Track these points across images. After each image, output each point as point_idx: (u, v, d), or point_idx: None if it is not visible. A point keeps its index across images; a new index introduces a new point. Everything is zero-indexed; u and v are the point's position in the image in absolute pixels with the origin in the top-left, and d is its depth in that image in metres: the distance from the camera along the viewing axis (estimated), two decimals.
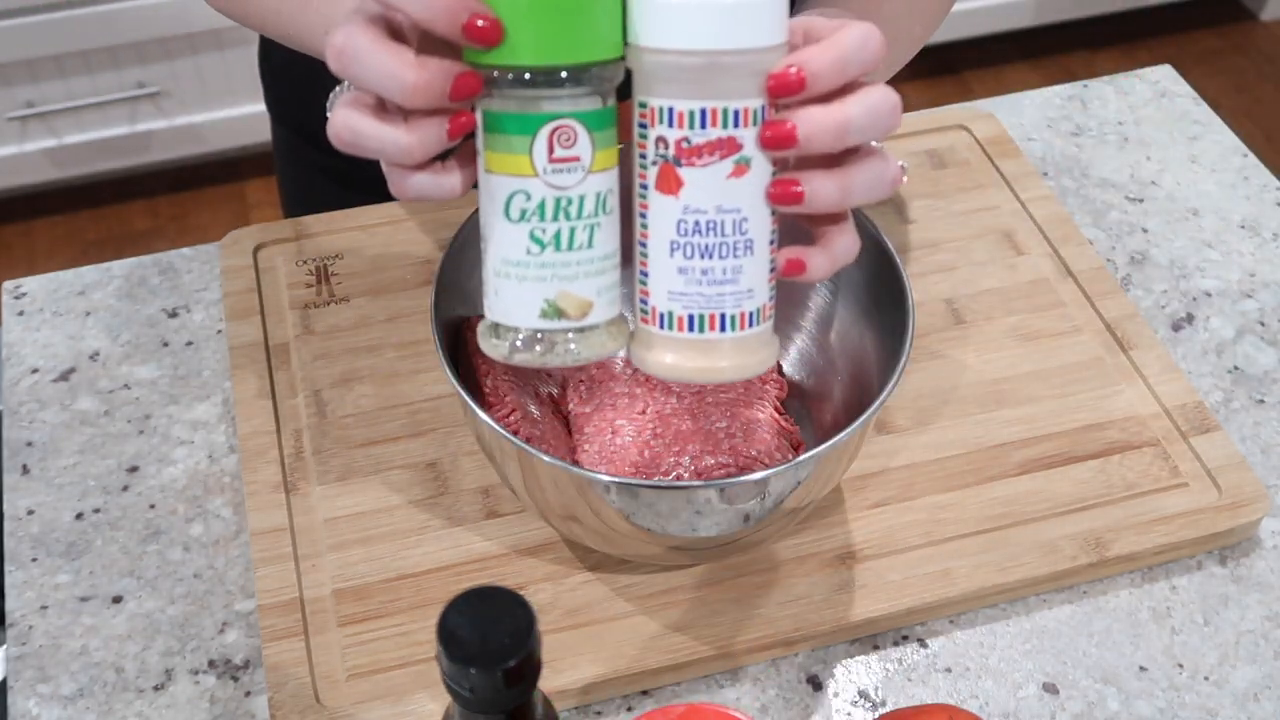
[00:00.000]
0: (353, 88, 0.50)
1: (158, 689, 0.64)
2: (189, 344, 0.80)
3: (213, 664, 0.65)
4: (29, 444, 0.74)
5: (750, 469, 0.66)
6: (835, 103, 0.48)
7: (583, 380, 0.71)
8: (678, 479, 0.66)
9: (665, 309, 0.51)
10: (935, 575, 0.67)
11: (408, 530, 0.68)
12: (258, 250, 0.82)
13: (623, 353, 0.54)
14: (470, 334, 0.66)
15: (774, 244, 0.51)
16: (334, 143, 0.50)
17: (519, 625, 0.43)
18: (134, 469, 0.73)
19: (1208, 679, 0.65)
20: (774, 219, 0.50)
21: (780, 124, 0.48)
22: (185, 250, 0.85)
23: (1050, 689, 0.65)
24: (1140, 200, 0.90)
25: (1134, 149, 0.94)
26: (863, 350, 0.68)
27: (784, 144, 0.48)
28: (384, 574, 0.67)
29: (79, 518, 0.71)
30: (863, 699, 0.64)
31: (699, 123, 0.48)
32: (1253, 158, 0.93)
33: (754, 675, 0.65)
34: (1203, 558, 0.70)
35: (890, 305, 0.64)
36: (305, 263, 0.81)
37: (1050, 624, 0.67)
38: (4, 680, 0.68)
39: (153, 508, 0.72)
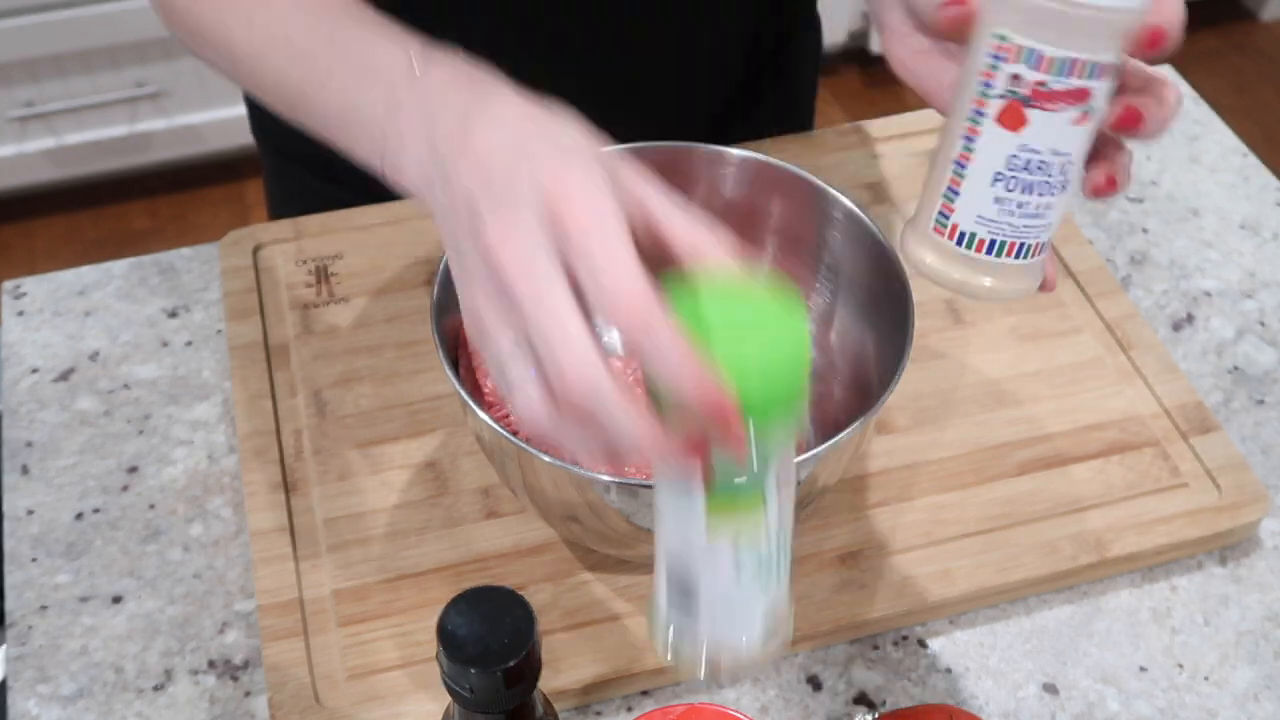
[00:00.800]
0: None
1: (157, 689, 0.64)
2: (189, 344, 0.80)
3: (212, 664, 0.65)
4: (29, 444, 0.74)
5: None
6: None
7: None
8: None
9: (969, 229, 0.52)
10: (935, 575, 0.67)
11: (408, 530, 0.68)
12: (258, 250, 0.82)
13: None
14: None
15: None
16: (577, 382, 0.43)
17: (519, 625, 0.43)
18: (134, 469, 0.73)
19: (1208, 679, 0.65)
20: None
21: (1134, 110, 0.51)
22: (185, 250, 0.85)
23: (1050, 689, 0.65)
24: (1140, 200, 0.90)
25: (1134, 149, 0.93)
26: (863, 350, 0.68)
27: (1134, 124, 0.51)
28: (384, 574, 0.67)
29: (79, 518, 0.71)
30: (863, 699, 0.64)
31: (1062, 70, 0.49)
32: (1253, 158, 0.93)
33: (754, 675, 0.65)
34: (1203, 558, 0.70)
35: (890, 305, 0.64)
36: (305, 263, 0.81)
37: (1050, 624, 0.67)
38: (4, 680, 0.68)
39: (153, 508, 0.72)
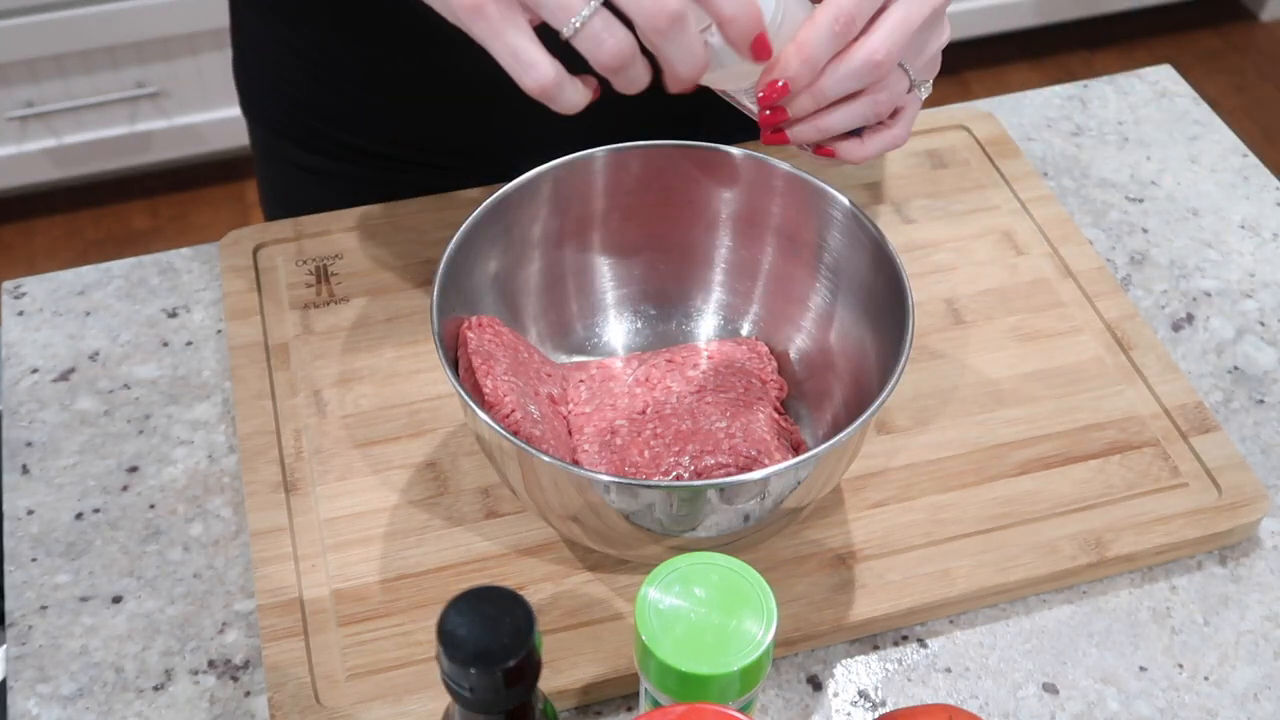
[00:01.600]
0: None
1: (157, 689, 0.64)
2: (189, 344, 0.80)
3: (212, 664, 0.65)
4: (29, 444, 0.74)
5: (750, 469, 0.66)
6: None
7: (583, 380, 0.71)
8: (678, 479, 0.66)
9: None
10: (935, 575, 0.67)
11: (408, 530, 0.68)
12: (257, 250, 0.82)
13: None
14: (470, 334, 0.66)
15: None
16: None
17: (519, 625, 0.43)
18: (134, 469, 0.73)
19: (1208, 679, 0.65)
20: None
21: None
22: (185, 250, 0.85)
23: (1050, 689, 0.65)
24: (1140, 200, 0.90)
25: (1134, 149, 0.94)
26: (863, 350, 0.68)
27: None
28: (384, 574, 0.67)
29: (79, 518, 0.71)
30: (862, 699, 0.64)
31: None
32: (1253, 158, 0.93)
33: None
34: (1203, 558, 0.70)
35: (890, 305, 0.64)
36: (305, 263, 0.81)
37: (1050, 624, 0.67)
38: (4, 680, 0.68)
39: (153, 508, 0.72)
